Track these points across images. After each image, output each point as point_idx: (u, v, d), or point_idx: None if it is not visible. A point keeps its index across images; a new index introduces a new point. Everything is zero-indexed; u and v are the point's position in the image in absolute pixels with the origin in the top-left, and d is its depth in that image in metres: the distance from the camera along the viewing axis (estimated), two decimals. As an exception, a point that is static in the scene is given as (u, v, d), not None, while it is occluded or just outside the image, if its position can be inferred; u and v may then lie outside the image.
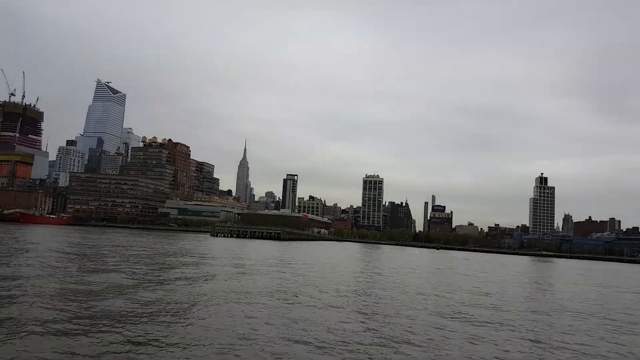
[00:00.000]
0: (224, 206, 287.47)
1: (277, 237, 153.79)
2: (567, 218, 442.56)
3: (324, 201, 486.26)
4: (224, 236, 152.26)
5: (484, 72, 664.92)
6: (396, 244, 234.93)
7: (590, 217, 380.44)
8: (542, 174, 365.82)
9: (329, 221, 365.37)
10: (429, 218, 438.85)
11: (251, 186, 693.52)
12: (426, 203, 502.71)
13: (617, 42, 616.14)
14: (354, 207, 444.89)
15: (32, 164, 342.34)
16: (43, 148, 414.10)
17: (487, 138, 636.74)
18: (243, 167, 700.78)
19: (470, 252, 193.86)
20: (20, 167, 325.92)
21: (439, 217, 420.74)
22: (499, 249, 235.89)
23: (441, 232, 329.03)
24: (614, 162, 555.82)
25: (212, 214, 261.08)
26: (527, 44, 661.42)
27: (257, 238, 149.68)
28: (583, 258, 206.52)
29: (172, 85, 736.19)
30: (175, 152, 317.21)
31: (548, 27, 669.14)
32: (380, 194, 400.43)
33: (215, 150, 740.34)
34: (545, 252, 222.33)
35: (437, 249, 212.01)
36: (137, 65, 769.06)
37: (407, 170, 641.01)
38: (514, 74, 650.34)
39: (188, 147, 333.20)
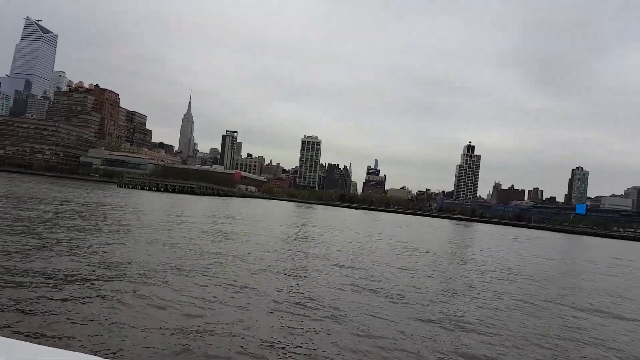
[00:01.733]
0: (152, 158, 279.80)
1: (191, 192, 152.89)
2: (496, 186, 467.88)
3: (265, 160, 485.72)
4: (132, 187, 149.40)
5: (431, 41, 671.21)
6: (322, 204, 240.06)
7: (512, 185, 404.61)
8: (470, 142, 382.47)
9: (265, 180, 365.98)
10: (364, 181, 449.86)
11: (194, 141, 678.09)
12: (369, 167, 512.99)
13: (557, 17, 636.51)
14: (295, 167, 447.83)
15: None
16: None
17: (432, 106, 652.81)
18: (187, 121, 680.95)
19: (388, 213, 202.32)
20: None
21: (373, 180, 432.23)
22: (417, 211, 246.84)
23: (373, 194, 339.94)
24: (547, 135, 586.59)
25: (138, 165, 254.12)
26: (473, 14, 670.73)
27: (170, 192, 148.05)
28: (495, 223, 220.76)
29: (113, 30, 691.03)
30: (102, 99, 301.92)
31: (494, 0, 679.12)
32: (317, 155, 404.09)
33: (157, 102, 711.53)
34: (460, 216, 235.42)
35: (356, 209, 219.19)
36: (74, 4, 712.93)
37: (354, 134, 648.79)
38: (459, 44, 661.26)
39: (117, 95, 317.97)
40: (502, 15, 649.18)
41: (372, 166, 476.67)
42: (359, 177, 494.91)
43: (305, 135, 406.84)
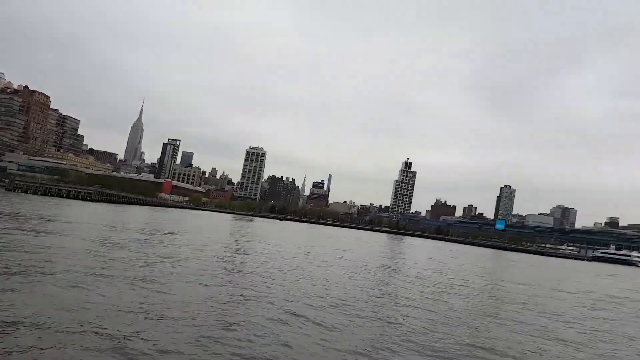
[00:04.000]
0: (74, 164, 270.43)
1: (87, 198, 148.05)
2: (437, 203, 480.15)
3: (219, 172, 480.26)
4: (23, 192, 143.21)
5: (396, 60, 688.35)
6: (252, 215, 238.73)
7: (445, 201, 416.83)
8: (407, 159, 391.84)
9: (203, 190, 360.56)
10: (308, 194, 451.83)
11: (142, 150, 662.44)
12: (314, 182, 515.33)
13: (511, 45, 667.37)
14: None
15: None
16: None
17: (387, 124, 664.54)
18: (137, 129, 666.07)
19: (318, 225, 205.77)
20: None
21: (317, 193, 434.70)
22: (345, 224, 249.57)
23: (313, 207, 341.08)
24: (489, 155, 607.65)
25: (56, 171, 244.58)
26: (432, 38, 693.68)
27: (64, 197, 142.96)
28: (416, 236, 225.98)
29: (59, 30, 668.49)
30: (30, 101, 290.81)
31: (452, 24, 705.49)
32: (261, 167, 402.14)
33: (105, 107, 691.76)
34: (384, 228, 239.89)
35: (280, 220, 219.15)
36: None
37: (311, 148, 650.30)
38: (420, 66, 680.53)
39: (48, 97, 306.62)
40: (462, 42, 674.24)
41: (325, 180, 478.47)
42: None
43: (250, 146, 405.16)
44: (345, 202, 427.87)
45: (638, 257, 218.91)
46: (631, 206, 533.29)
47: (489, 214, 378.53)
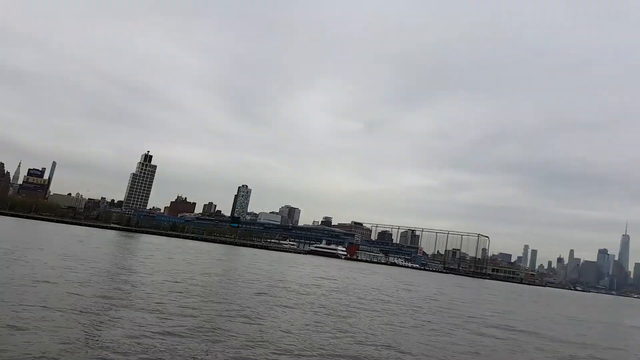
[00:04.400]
0: None
1: None
2: (178, 199, 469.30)
3: None
4: None
5: (143, 48, 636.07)
6: None
7: (186, 198, 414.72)
8: (148, 151, 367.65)
9: None
10: (20, 182, 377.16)
11: None
12: (29, 168, 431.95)
13: (254, 55, 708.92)
14: None
15: None
16: None
17: (129, 114, 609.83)
18: None
19: (23, 219, 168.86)
20: None
21: (33, 182, 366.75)
22: (62, 219, 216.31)
23: (28, 199, 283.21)
24: (238, 158, 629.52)
25: None
26: (182, 32, 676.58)
27: None
28: (150, 233, 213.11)
29: None
30: None
31: (202, 21, 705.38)
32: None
33: None
34: (115, 225, 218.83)
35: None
36: None
37: (35, 131, 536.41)
38: (167, 57, 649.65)
39: None
40: (215, 42, 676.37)
41: (48, 169, 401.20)
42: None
43: None
44: (70, 194, 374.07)
45: (342, 250, 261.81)
46: (341, 208, 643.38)
47: (228, 211, 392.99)
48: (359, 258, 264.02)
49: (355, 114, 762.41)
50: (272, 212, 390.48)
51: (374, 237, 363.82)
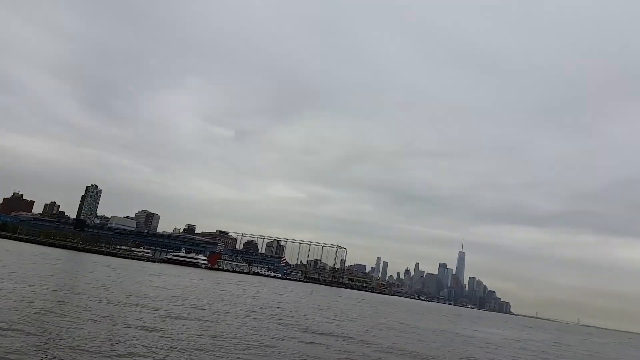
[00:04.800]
0: None
1: None
2: (14, 196, 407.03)
3: None
4: None
5: None
6: None
7: (22, 195, 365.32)
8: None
9: None
10: None
11: None
12: None
13: (115, 44, 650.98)
14: None
15: None
16: None
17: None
18: None
19: None
20: None
21: None
22: None
23: None
24: (90, 156, 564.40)
25: None
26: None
27: None
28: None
29: None
30: None
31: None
32: None
33: None
34: None
35: None
36: None
37: None
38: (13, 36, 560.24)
39: None
40: (71, 27, 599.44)
41: None
42: None
43: None
44: None
45: (203, 259, 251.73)
46: (207, 216, 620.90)
47: (74, 213, 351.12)
48: (220, 267, 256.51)
49: (227, 121, 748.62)
50: (127, 217, 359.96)
51: (239, 246, 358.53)
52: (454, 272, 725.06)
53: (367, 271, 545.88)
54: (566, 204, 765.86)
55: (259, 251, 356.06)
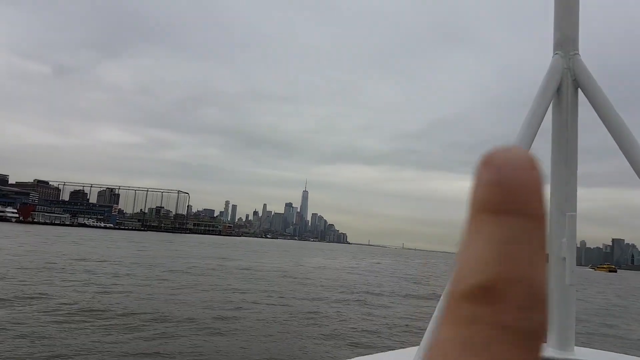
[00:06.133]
0: None
1: None
2: None
3: None
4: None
5: None
6: None
7: None
8: None
9: None
10: None
11: None
12: None
13: None
14: None
15: None
16: None
17: None
18: None
19: None
20: None
21: None
22: None
23: None
24: None
25: None
26: None
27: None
28: None
29: None
30: None
31: None
32: None
33: None
34: None
35: None
36: None
37: None
38: None
39: None
40: None
41: None
42: None
43: None
44: None
45: (13, 212, 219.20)
46: (23, 165, 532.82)
47: None
48: (35, 220, 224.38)
49: (42, 56, 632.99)
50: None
51: (66, 197, 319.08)
52: (298, 210, 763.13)
53: (215, 215, 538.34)
54: (394, 144, 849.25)
55: (89, 201, 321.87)
